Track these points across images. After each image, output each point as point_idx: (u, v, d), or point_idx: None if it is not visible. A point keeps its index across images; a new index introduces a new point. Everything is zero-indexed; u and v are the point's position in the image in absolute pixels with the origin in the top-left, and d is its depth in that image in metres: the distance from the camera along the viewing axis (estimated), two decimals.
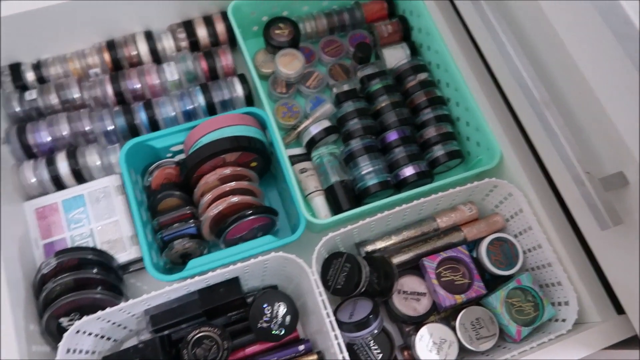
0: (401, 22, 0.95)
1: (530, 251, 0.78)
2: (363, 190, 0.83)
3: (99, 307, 0.69)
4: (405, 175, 0.83)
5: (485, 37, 0.78)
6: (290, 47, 0.90)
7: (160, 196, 0.77)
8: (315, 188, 0.84)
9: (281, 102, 0.90)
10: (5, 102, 0.83)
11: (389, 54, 0.93)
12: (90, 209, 0.79)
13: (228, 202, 0.74)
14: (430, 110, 0.87)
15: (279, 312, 0.71)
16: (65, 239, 0.77)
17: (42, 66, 0.87)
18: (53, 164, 0.80)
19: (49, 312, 0.68)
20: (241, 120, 0.78)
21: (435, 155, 0.85)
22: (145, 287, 0.81)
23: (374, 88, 0.88)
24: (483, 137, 0.82)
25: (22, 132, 0.81)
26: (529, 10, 0.68)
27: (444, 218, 0.80)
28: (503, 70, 0.76)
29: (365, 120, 0.85)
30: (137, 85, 0.86)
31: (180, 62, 0.88)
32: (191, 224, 0.76)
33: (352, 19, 0.95)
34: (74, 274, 0.69)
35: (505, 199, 0.79)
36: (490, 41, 0.73)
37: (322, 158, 0.85)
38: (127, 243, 0.77)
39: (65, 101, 0.85)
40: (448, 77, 0.87)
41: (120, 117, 0.84)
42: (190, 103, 0.86)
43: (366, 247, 0.78)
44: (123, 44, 0.89)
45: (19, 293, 0.69)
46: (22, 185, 0.79)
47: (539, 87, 0.63)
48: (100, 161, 0.81)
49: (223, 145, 0.74)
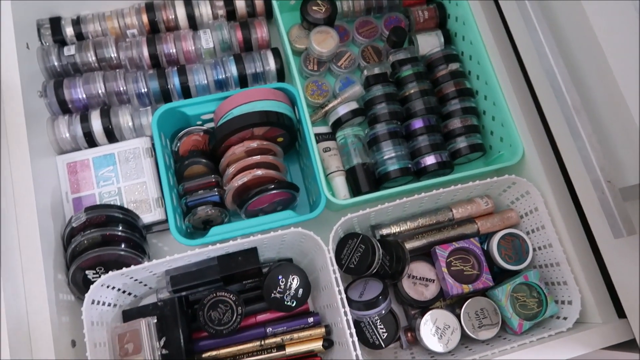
0: (438, 8, 0.95)
1: (540, 249, 0.79)
2: (383, 174, 0.84)
3: (122, 263, 0.73)
4: (427, 163, 0.85)
5: (523, 33, 0.78)
6: (326, 24, 0.90)
7: (187, 162, 0.80)
8: (337, 168, 0.86)
9: (311, 80, 0.91)
10: (44, 56, 0.85)
11: (422, 40, 0.93)
12: (119, 168, 0.82)
13: (252, 174, 0.76)
14: (458, 102, 0.88)
15: (293, 284, 0.74)
16: (94, 195, 0.80)
17: (82, 22, 0.88)
18: (87, 121, 0.82)
19: (76, 264, 0.71)
20: (272, 95, 0.79)
21: (458, 146, 0.87)
22: (166, 248, 0.84)
23: (405, 74, 0.88)
24: (507, 133, 0.83)
25: (59, 87, 0.83)
26: (570, 13, 0.68)
27: (459, 209, 0.82)
28: (537, 70, 0.76)
29: (392, 106, 0.86)
30: (172, 50, 0.88)
31: (216, 30, 0.89)
32: (215, 192, 0.79)
33: (390, 1, 0.95)
34: (101, 230, 0.73)
35: (522, 196, 0.81)
36: (528, 38, 0.73)
37: (346, 139, 0.87)
38: (153, 204, 0.80)
39: (101, 59, 0.87)
40: (479, 69, 0.87)
41: (154, 80, 0.85)
42: (223, 73, 0.87)
43: (381, 230, 0.80)
44: (162, 7, 0.90)
45: (50, 243, 0.73)
46: (55, 139, 0.82)
47: (572, 92, 0.64)
48: (131, 122, 0.84)
49: (253, 119, 0.76)
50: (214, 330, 0.71)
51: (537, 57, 0.71)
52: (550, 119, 0.77)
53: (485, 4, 0.87)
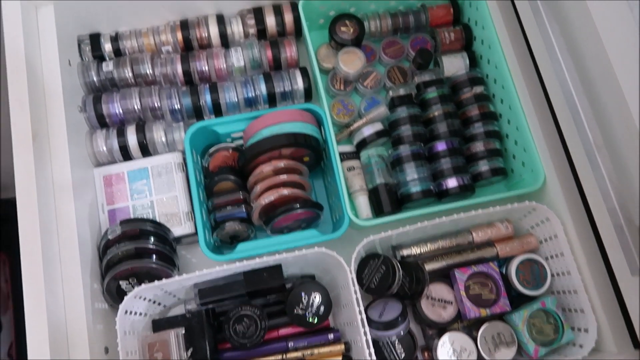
0: (464, 30, 0.96)
1: (558, 275, 0.81)
2: (406, 195, 0.86)
3: (153, 275, 0.77)
4: (449, 186, 0.86)
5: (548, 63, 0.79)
6: (354, 45, 0.92)
7: (217, 179, 0.83)
8: (360, 187, 0.88)
9: (338, 99, 0.94)
10: (84, 71, 0.89)
11: (448, 61, 0.94)
12: (152, 181, 0.85)
13: (279, 193, 0.79)
14: (481, 125, 0.89)
15: (315, 301, 0.77)
16: (128, 207, 0.84)
17: (119, 38, 0.92)
18: (123, 135, 0.86)
19: (110, 274, 0.75)
20: (300, 116, 0.82)
21: (480, 169, 0.88)
22: (195, 260, 0.88)
23: (429, 96, 0.90)
24: (529, 158, 0.84)
25: (98, 102, 0.87)
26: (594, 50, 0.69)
27: (479, 232, 0.83)
28: (560, 102, 0.77)
29: (416, 127, 0.88)
30: (205, 67, 0.91)
31: (247, 48, 0.92)
32: (242, 208, 0.82)
33: (417, 21, 0.96)
34: (134, 243, 0.76)
35: (542, 222, 0.82)
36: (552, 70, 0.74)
37: (370, 159, 0.89)
38: (183, 218, 0.84)
39: (137, 75, 0.90)
40: (504, 93, 0.88)
41: (187, 97, 0.89)
42: (253, 91, 0.90)
43: (402, 251, 0.82)
44: (195, 25, 0.93)
45: (87, 254, 0.77)
46: (93, 152, 0.86)
47: (594, 129, 0.65)
48: (164, 137, 0.87)
49: (281, 140, 0.79)
50: (238, 343, 0.75)
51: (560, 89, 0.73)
52: (573, 149, 0.78)
53: (511, 28, 0.88)
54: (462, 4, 0.97)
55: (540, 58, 0.83)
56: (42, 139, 0.75)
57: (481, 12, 0.90)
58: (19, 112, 0.72)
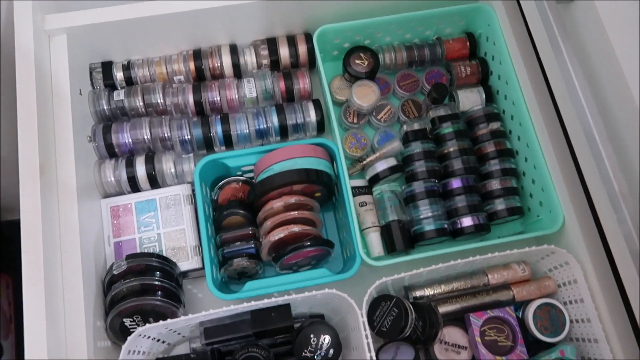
0: (481, 64, 0.94)
1: (577, 322, 0.78)
2: (419, 233, 0.84)
3: (158, 312, 0.75)
4: (463, 225, 0.84)
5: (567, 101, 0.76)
6: (368, 78, 0.91)
7: (226, 213, 0.81)
8: (372, 224, 0.86)
9: (350, 132, 0.92)
10: (95, 100, 0.88)
11: (463, 95, 0.93)
12: (160, 214, 0.84)
13: (289, 230, 0.77)
14: (498, 162, 0.87)
15: (324, 343, 0.74)
16: (134, 240, 0.82)
17: (131, 67, 0.91)
18: (132, 166, 0.85)
19: (115, 311, 0.73)
20: (313, 152, 0.80)
21: (496, 208, 0.86)
22: (201, 295, 0.86)
23: (444, 131, 0.88)
24: (547, 198, 0.82)
25: (107, 132, 0.86)
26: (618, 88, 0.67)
27: (495, 275, 0.81)
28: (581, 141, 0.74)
29: (430, 164, 0.86)
30: (217, 98, 0.90)
31: (260, 79, 0.91)
32: (251, 244, 0.80)
33: (432, 54, 0.95)
34: (140, 280, 0.74)
35: (561, 266, 0.79)
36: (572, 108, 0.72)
37: (383, 194, 0.87)
38: (190, 252, 0.82)
39: (148, 104, 0.89)
40: (521, 130, 0.86)
41: (198, 128, 0.88)
42: (264, 122, 0.89)
43: (415, 292, 0.80)
44: (208, 55, 0.92)
45: (91, 289, 0.75)
46: (101, 182, 0.84)
47: (619, 178, 0.63)
48: (174, 169, 0.86)
49: (293, 177, 0.77)
50: None
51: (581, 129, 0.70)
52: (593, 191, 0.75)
53: (529, 64, 0.86)
54: (479, 37, 0.96)
55: (560, 95, 0.80)
56: (49, 172, 0.74)
57: (498, 47, 0.89)
58: (27, 145, 0.71)
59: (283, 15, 0.90)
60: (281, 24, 0.93)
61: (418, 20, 0.92)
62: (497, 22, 0.89)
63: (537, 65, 0.85)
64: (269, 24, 0.93)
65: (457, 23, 0.95)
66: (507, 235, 0.90)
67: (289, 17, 0.91)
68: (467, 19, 0.95)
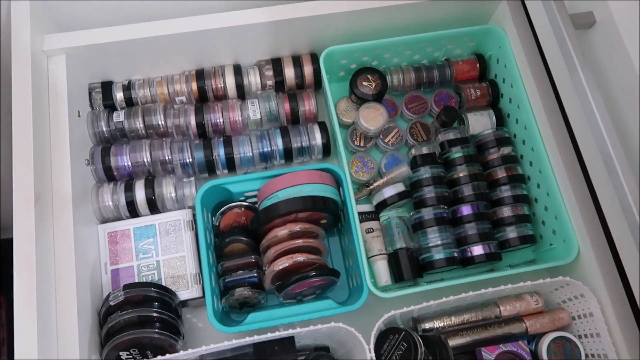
0: (491, 87, 0.92)
1: (593, 356, 0.75)
2: (428, 262, 0.81)
3: (156, 345, 0.72)
4: (474, 253, 0.81)
5: (584, 126, 0.74)
6: (375, 100, 0.89)
7: (228, 240, 0.78)
8: (379, 251, 0.83)
9: (357, 156, 0.89)
10: (94, 121, 0.85)
11: (473, 119, 0.90)
12: (159, 240, 0.81)
13: (294, 260, 0.74)
14: (509, 188, 0.84)
15: None
16: (132, 268, 0.79)
17: (132, 87, 0.89)
18: (131, 190, 0.82)
19: (111, 345, 0.70)
20: (319, 178, 0.78)
21: (508, 236, 0.83)
22: (201, 325, 0.82)
23: (454, 156, 0.86)
24: (561, 226, 0.79)
25: (106, 154, 0.83)
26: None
27: (507, 306, 0.78)
28: (598, 168, 0.72)
29: (440, 189, 0.84)
30: (220, 120, 0.87)
31: (265, 101, 0.89)
32: (254, 273, 0.77)
33: (441, 76, 0.92)
34: (137, 311, 0.71)
35: (576, 298, 0.76)
36: (589, 133, 0.69)
37: (390, 221, 0.84)
38: (190, 281, 0.79)
39: (149, 126, 0.87)
40: (533, 156, 0.84)
41: (200, 151, 0.85)
42: (269, 145, 0.86)
43: (424, 323, 0.77)
44: (211, 75, 0.90)
45: (86, 321, 0.72)
46: (99, 207, 0.81)
47: (636, 199, 0.60)
48: (174, 193, 0.83)
49: (298, 204, 0.74)
50: None
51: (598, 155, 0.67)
52: (610, 220, 0.73)
53: (542, 88, 0.83)
54: (489, 59, 0.93)
55: (577, 121, 0.77)
56: (45, 200, 0.71)
57: (510, 70, 0.87)
58: (22, 173, 0.68)
59: (289, 36, 0.88)
60: (286, 44, 0.91)
61: (427, 42, 0.90)
62: (508, 44, 0.86)
63: (550, 89, 0.83)
64: (274, 44, 0.90)
65: (467, 44, 0.93)
66: (519, 263, 0.87)
67: (294, 37, 0.89)
68: (477, 41, 0.93)
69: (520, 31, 0.85)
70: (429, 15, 0.88)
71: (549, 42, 0.72)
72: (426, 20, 0.89)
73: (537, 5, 0.73)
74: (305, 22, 0.85)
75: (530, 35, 0.85)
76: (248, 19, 0.83)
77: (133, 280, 0.79)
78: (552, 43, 0.70)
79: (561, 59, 0.67)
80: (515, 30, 0.85)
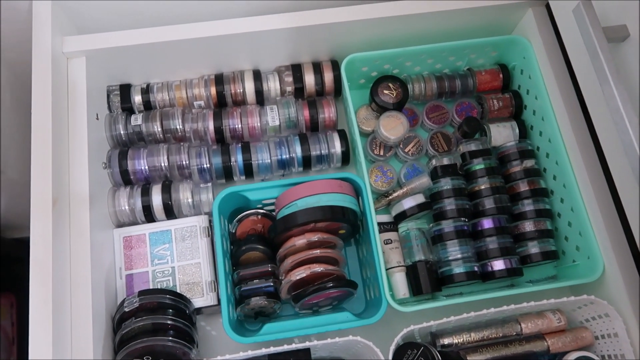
0: (514, 97, 0.90)
1: None
2: (447, 276, 0.79)
3: (169, 353, 0.71)
4: (495, 268, 0.79)
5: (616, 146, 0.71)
6: (395, 109, 0.87)
7: (244, 248, 0.77)
8: (397, 263, 0.81)
9: (376, 166, 0.88)
10: (112, 124, 0.85)
11: (496, 130, 0.88)
12: (175, 246, 0.80)
13: (311, 270, 0.73)
14: (532, 202, 0.82)
15: None
16: (147, 274, 0.78)
17: (150, 91, 0.88)
18: (147, 194, 0.81)
19: (125, 352, 0.69)
20: (338, 188, 0.76)
21: (529, 252, 0.81)
22: (215, 333, 0.81)
23: (475, 167, 0.84)
24: (585, 243, 0.77)
25: (123, 158, 0.82)
26: None
27: (528, 324, 0.76)
28: (628, 189, 0.70)
29: (460, 202, 0.82)
30: (238, 125, 0.86)
31: (284, 107, 0.88)
32: (270, 282, 0.76)
33: (463, 86, 0.91)
34: (152, 318, 0.70)
35: (600, 317, 0.74)
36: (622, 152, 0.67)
37: (409, 232, 0.82)
38: (206, 288, 0.78)
39: (167, 130, 0.86)
40: (557, 169, 0.82)
41: (218, 156, 0.84)
42: (287, 153, 0.85)
43: (443, 339, 0.75)
44: (230, 80, 0.89)
45: (100, 326, 0.71)
46: (115, 211, 0.81)
47: None
48: (191, 198, 0.82)
49: (317, 214, 0.73)
50: None
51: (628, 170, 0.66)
52: None
53: (568, 101, 0.81)
54: (512, 70, 0.92)
55: (604, 134, 0.75)
56: (62, 203, 0.70)
57: (534, 81, 0.85)
58: (40, 177, 0.67)
59: (309, 42, 0.87)
60: (307, 51, 0.89)
61: (450, 51, 0.88)
62: (533, 55, 0.85)
63: (577, 101, 0.81)
64: (295, 50, 0.89)
65: (490, 54, 0.91)
66: (540, 279, 0.85)
67: (315, 43, 0.88)
68: (500, 51, 0.91)
69: (547, 42, 0.84)
70: (452, 24, 0.87)
71: (578, 54, 0.70)
72: (449, 29, 0.88)
73: (567, 17, 0.71)
74: (326, 29, 0.84)
75: (557, 46, 0.84)
76: (269, 25, 0.82)
77: (147, 286, 0.78)
78: (582, 55, 0.68)
79: (592, 72, 0.65)
80: (541, 40, 0.84)
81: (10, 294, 1.14)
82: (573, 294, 0.73)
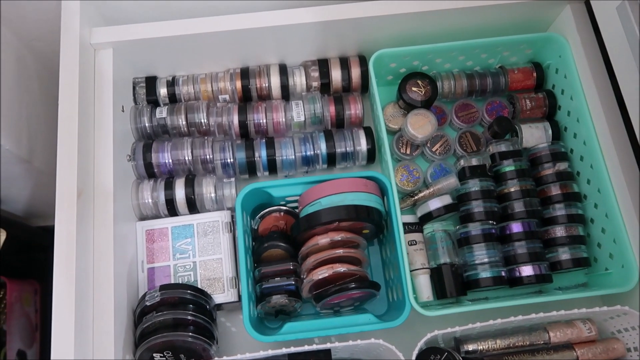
0: (548, 97, 0.87)
1: None
2: (473, 280, 0.77)
3: (189, 349, 0.71)
4: (523, 274, 0.77)
5: None
6: (424, 107, 0.85)
7: (266, 245, 0.76)
8: (422, 265, 0.80)
9: (402, 165, 0.86)
10: (137, 116, 0.84)
11: (527, 131, 0.86)
12: (197, 241, 0.79)
13: (334, 270, 0.72)
14: (563, 207, 0.80)
15: None
16: (168, 267, 0.78)
17: (176, 84, 0.88)
18: (171, 188, 0.81)
19: (145, 345, 0.69)
20: (364, 187, 0.75)
21: (560, 258, 0.78)
22: (234, 329, 0.81)
23: (505, 169, 0.81)
24: (620, 251, 0.74)
25: (148, 150, 0.82)
26: None
27: (557, 332, 0.73)
28: None
29: (489, 204, 0.79)
30: (263, 120, 0.85)
31: (309, 103, 0.86)
32: (292, 280, 0.75)
33: (495, 84, 0.88)
34: (172, 313, 0.70)
35: (633, 329, 0.71)
36: None
37: (435, 234, 0.80)
38: (227, 284, 0.77)
39: (191, 123, 0.85)
40: (592, 173, 0.79)
41: (242, 151, 0.83)
42: (312, 149, 0.84)
43: (467, 345, 0.73)
44: (256, 74, 0.88)
45: (122, 319, 0.71)
46: (138, 204, 0.80)
47: None
48: (214, 193, 0.81)
49: (341, 213, 0.71)
50: None
51: None
52: None
53: (606, 102, 0.78)
54: (547, 68, 0.88)
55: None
56: (87, 194, 0.70)
57: (570, 81, 0.82)
58: (66, 168, 0.67)
59: (337, 37, 0.85)
60: (334, 45, 0.88)
61: (482, 48, 0.85)
62: (570, 53, 0.81)
63: (615, 103, 0.78)
64: (322, 45, 0.87)
65: (524, 52, 0.88)
66: (570, 286, 0.82)
67: (343, 38, 0.86)
68: (535, 49, 0.88)
69: (585, 40, 0.80)
70: (485, 20, 0.84)
71: (620, 53, 0.67)
72: (481, 26, 0.85)
73: (609, 15, 0.68)
74: (354, 24, 0.82)
75: (596, 44, 0.80)
76: (296, 19, 0.80)
77: (169, 280, 0.78)
78: (624, 55, 0.65)
79: (635, 72, 0.62)
80: (579, 38, 0.81)
81: (34, 281, 1.15)
82: (604, 303, 0.71)
